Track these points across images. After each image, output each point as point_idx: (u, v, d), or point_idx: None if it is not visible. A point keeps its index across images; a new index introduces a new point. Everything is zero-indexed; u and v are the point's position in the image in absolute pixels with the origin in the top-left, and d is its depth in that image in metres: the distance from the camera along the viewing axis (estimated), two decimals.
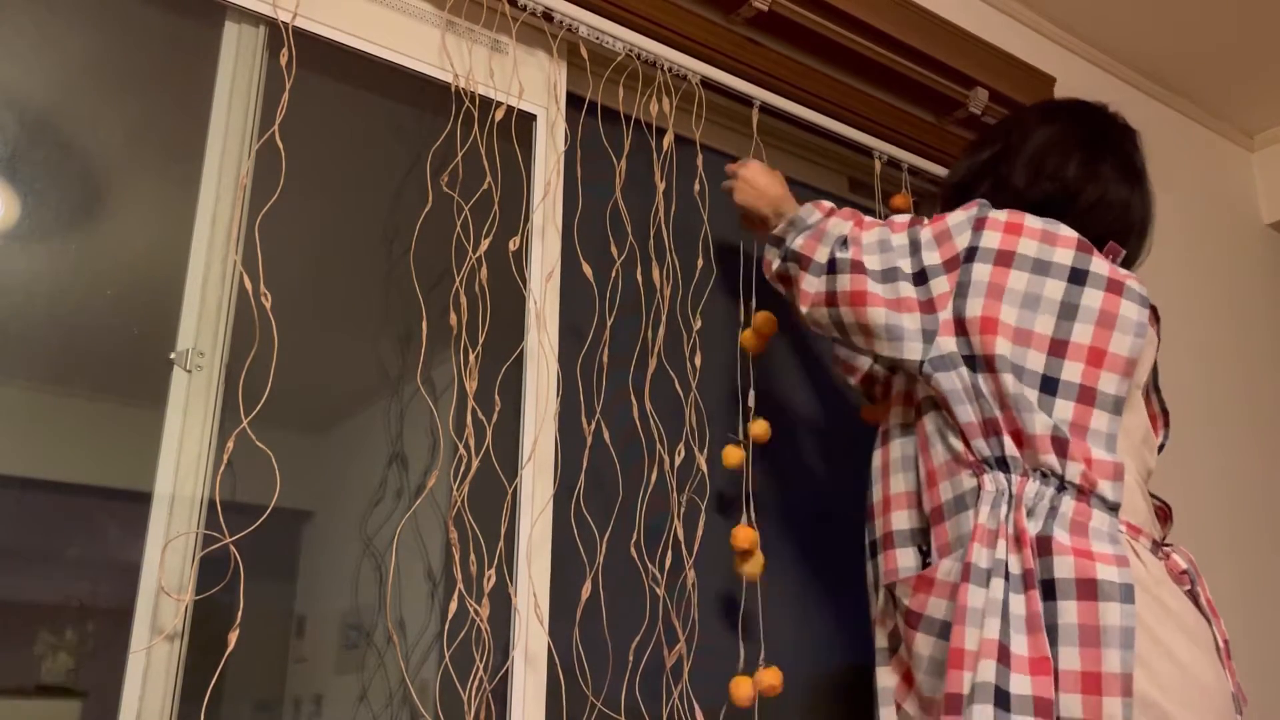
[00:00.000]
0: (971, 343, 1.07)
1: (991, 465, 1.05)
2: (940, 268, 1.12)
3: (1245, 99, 2.58)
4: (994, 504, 1.02)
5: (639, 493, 1.38)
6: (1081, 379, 1.04)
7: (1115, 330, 1.06)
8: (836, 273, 1.17)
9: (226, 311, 1.14)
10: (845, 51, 1.73)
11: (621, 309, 1.44)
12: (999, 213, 1.14)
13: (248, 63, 1.23)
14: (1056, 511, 1.00)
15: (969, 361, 1.07)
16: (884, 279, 1.14)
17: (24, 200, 1.07)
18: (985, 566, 0.99)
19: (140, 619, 1.01)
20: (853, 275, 1.15)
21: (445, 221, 1.31)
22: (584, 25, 1.42)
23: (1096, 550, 0.96)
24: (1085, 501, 1.01)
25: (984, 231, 1.12)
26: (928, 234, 1.15)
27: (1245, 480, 2.33)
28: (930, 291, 1.11)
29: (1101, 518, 1.00)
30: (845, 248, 1.18)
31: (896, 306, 1.12)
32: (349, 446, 1.21)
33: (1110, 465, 1.02)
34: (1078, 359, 1.05)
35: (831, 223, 1.22)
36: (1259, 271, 2.63)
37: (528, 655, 1.21)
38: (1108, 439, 1.04)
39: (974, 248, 1.11)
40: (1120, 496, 1.02)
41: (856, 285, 1.14)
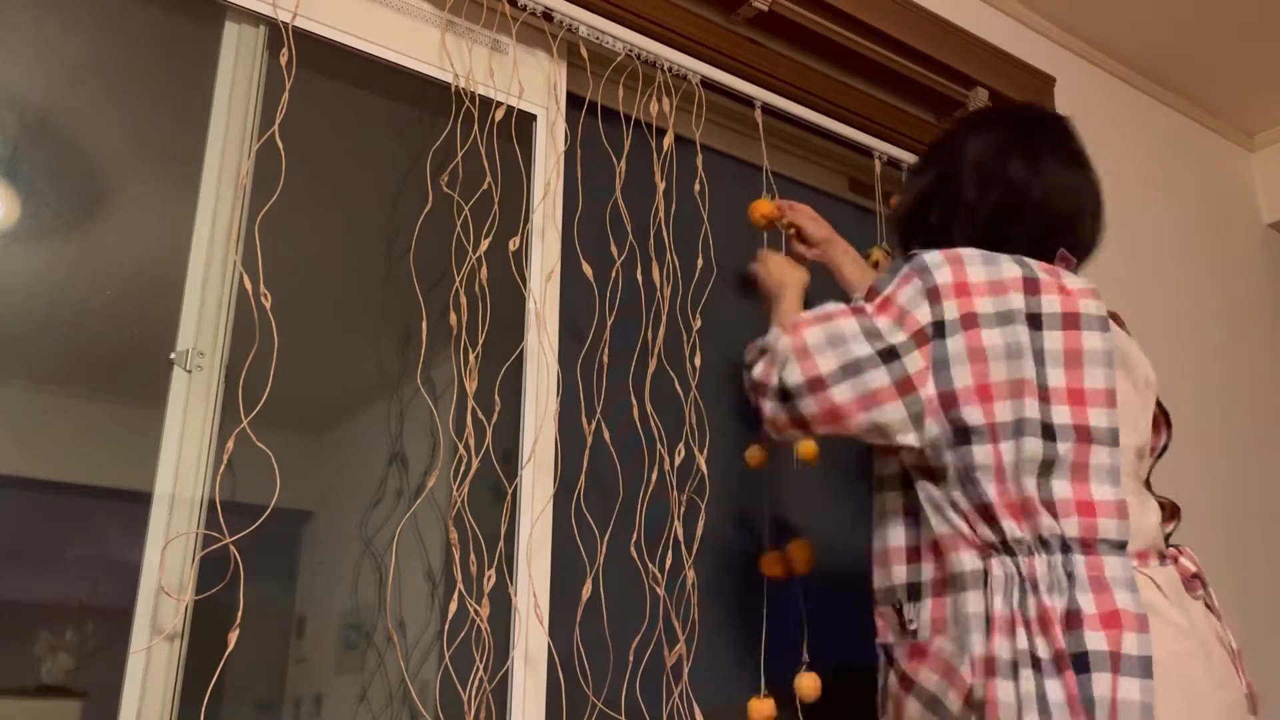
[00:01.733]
0: (964, 414, 1.05)
1: (997, 550, 1.03)
2: (911, 343, 1.07)
3: (1245, 99, 2.58)
4: (1006, 591, 1.01)
5: (639, 493, 1.38)
6: (1072, 419, 1.04)
7: (1084, 367, 1.05)
8: (795, 398, 1.08)
9: (226, 311, 1.14)
10: (845, 51, 1.73)
11: (621, 309, 1.43)
12: (940, 268, 1.10)
13: (248, 63, 1.23)
14: (1074, 577, 0.99)
15: (961, 436, 1.05)
16: (845, 376, 1.07)
17: (24, 200, 1.07)
18: (1008, 658, 0.98)
19: (140, 619, 1.01)
20: (812, 396, 1.08)
21: (445, 221, 1.31)
22: (584, 25, 1.42)
23: (1121, 610, 0.96)
24: (1094, 552, 1.00)
25: (942, 303, 1.08)
26: (884, 320, 1.09)
27: (1245, 480, 2.33)
28: (905, 369, 1.06)
29: (1114, 563, 0.99)
30: (796, 363, 1.09)
31: (869, 403, 1.07)
32: (349, 446, 1.21)
33: (1113, 505, 1.02)
34: (1061, 401, 1.04)
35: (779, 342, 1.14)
36: (1259, 271, 2.63)
37: (528, 655, 1.21)
38: (1110, 472, 1.03)
39: (939, 322, 1.07)
40: (1126, 534, 1.01)
41: (823, 405, 1.07)
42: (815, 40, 1.70)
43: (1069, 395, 1.04)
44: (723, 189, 1.65)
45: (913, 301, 1.09)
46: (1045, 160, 1.20)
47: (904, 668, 1.08)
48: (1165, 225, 2.39)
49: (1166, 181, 2.45)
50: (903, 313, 1.09)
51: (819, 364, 1.08)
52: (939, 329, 1.07)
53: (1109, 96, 2.39)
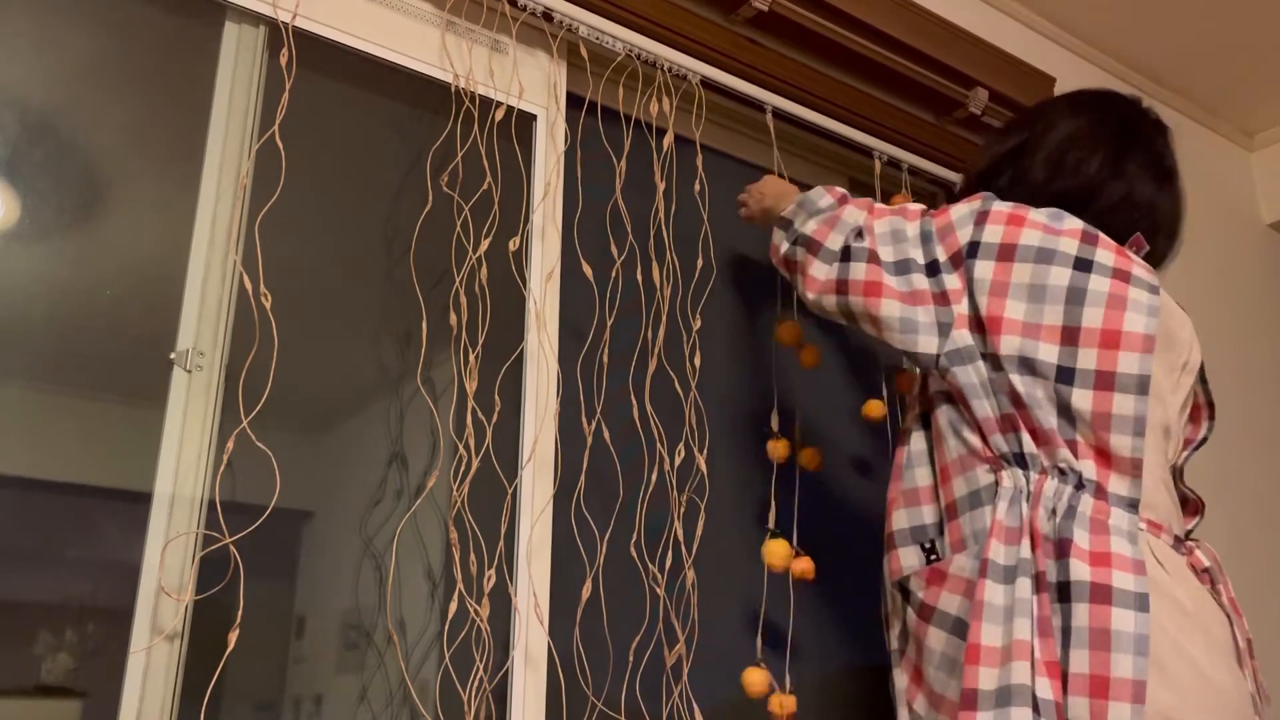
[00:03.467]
0: (986, 340, 1.06)
1: (1009, 461, 1.03)
2: (949, 263, 1.10)
3: (1245, 99, 2.58)
4: (1012, 500, 1.00)
5: (639, 493, 1.38)
6: (1098, 364, 1.01)
7: (1127, 310, 1.03)
8: (851, 260, 1.14)
9: (226, 311, 1.14)
10: (845, 51, 1.73)
11: (621, 309, 1.43)
12: (1003, 205, 1.12)
13: (248, 63, 1.23)
14: (1075, 510, 0.97)
15: (985, 356, 1.06)
16: (897, 270, 1.12)
17: (24, 200, 1.07)
18: (1006, 564, 0.97)
19: (140, 619, 1.01)
20: (868, 265, 1.13)
21: (445, 221, 1.31)
22: (584, 25, 1.42)
23: (1115, 552, 0.94)
24: (1104, 499, 0.99)
25: (985, 226, 1.10)
26: (935, 225, 1.14)
27: (1245, 480, 2.33)
28: (943, 284, 1.10)
29: (1120, 515, 0.98)
30: (860, 237, 1.15)
31: (911, 299, 1.10)
32: (349, 446, 1.21)
33: (1128, 461, 1.00)
34: (1091, 344, 1.02)
35: (846, 210, 1.20)
36: (1259, 271, 2.63)
37: (528, 655, 1.21)
38: (1135, 422, 1.00)
39: (975, 243, 1.09)
40: (1138, 493, 0.99)
41: (871, 275, 1.12)
42: (815, 40, 1.70)
43: (1102, 337, 1.02)
44: (723, 189, 1.65)
45: (961, 220, 1.12)
46: (1129, 166, 1.19)
47: (922, 597, 1.07)
48: None
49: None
50: (949, 228, 1.12)
51: (880, 249, 1.13)
52: (973, 249, 1.09)
53: None
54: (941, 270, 1.10)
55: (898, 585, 1.13)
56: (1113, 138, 1.20)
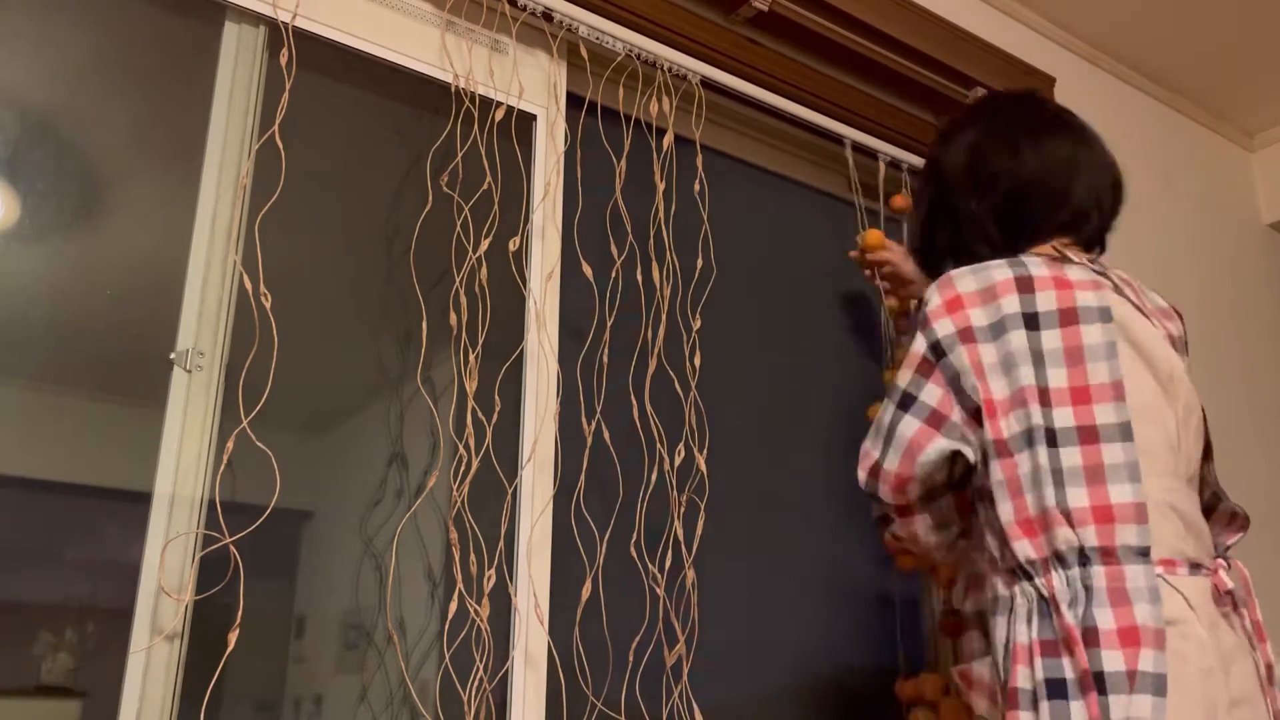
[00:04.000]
0: (983, 430, 1.04)
1: (1017, 574, 1.01)
2: (920, 378, 1.08)
3: (1245, 99, 2.58)
4: (1027, 617, 0.99)
5: (639, 493, 1.38)
6: (1076, 420, 1.00)
7: (1086, 363, 1.02)
8: (874, 497, 1.14)
9: (226, 311, 1.14)
10: (845, 51, 1.73)
11: (621, 309, 1.43)
12: (934, 297, 1.10)
13: (248, 63, 1.23)
14: (1091, 590, 0.96)
15: (983, 454, 1.05)
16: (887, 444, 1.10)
17: (24, 200, 1.07)
18: (1028, 688, 0.96)
19: (140, 619, 1.01)
20: (878, 482, 1.11)
21: (445, 221, 1.31)
22: (584, 25, 1.42)
23: (1140, 623, 0.93)
24: (1114, 560, 0.97)
25: (932, 325, 1.08)
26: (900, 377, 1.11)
27: (1246, 480, 2.33)
28: (928, 403, 1.07)
29: (1135, 572, 0.96)
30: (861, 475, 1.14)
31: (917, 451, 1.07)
32: (349, 446, 1.21)
33: (1131, 508, 0.98)
34: (1064, 403, 1.01)
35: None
36: (1259, 271, 2.63)
37: (528, 655, 1.21)
38: (1128, 470, 0.99)
39: (935, 342, 1.08)
40: (1147, 539, 0.97)
41: (886, 481, 1.10)
42: (815, 40, 1.70)
43: (1072, 395, 1.02)
44: (723, 189, 1.65)
45: (915, 343, 1.10)
46: (1021, 141, 1.18)
47: (964, 696, 1.08)
48: (1165, 225, 2.39)
49: (1166, 181, 2.45)
50: (911, 357, 1.11)
51: (871, 454, 1.12)
52: (936, 349, 1.07)
53: (1109, 96, 2.39)
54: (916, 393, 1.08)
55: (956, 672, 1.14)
56: (993, 131, 1.20)
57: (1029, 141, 1.18)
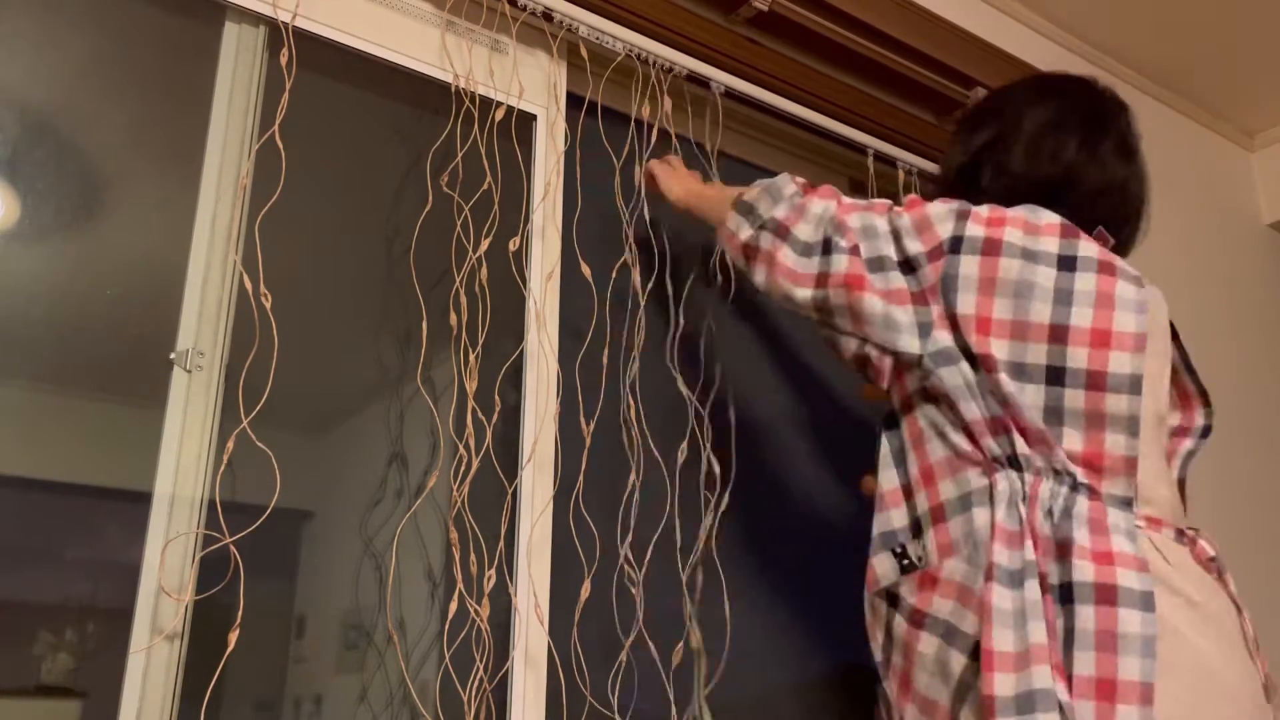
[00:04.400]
0: (967, 340, 1.04)
1: (1002, 464, 1.01)
2: (924, 257, 1.07)
3: (1245, 99, 2.58)
4: (1010, 503, 0.98)
5: (639, 492, 1.38)
6: (1089, 364, 1.00)
7: (1115, 309, 1.02)
8: (832, 253, 1.10)
9: (226, 311, 1.14)
10: (845, 51, 1.73)
11: (621, 309, 1.44)
12: (980, 207, 1.10)
13: (248, 63, 1.23)
14: (1072, 511, 0.96)
15: (967, 356, 1.04)
16: (873, 268, 1.09)
17: (24, 200, 1.07)
18: (1012, 567, 0.95)
19: (140, 619, 1.01)
20: (849, 258, 1.09)
21: (445, 221, 1.31)
22: (584, 25, 1.42)
23: (1117, 550, 0.93)
24: (1099, 499, 0.98)
25: (967, 222, 1.07)
26: (907, 221, 1.10)
27: (1245, 480, 2.33)
28: (920, 282, 1.07)
29: (1117, 515, 0.97)
30: (839, 231, 1.12)
31: (889, 298, 1.08)
32: (349, 446, 1.21)
33: (1122, 459, 0.99)
34: (1081, 343, 1.00)
35: (813, 201, 1.17)
36: (1259, 271, 2.63)
37: (528, 655, 1.21)
38: (1128, 422, 0.99)
39: (958, 237, 1.07)
40: (1133, 490, 0.98)
41: (853, 269, 1.09)
42: (815, 40, 1.70)
43: (1093, 336, 1.01)
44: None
45: (939, 216, 1.09)
46: (1102, 147, 1.18)
47: (912, 603, 1.05)
48: (1165, 225, 2.39)
49: (1166, 181, 2.45)
50: (926, 222, 1.09)
51: (860, 244, 1.10)
52: (955, 244, 1.06)
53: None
54: (918, 268, 1.08)
55: (879, 594, 1.11)
56: (1083, 122, 1.20)
57: (1104, 149, 1.19)
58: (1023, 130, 1.20)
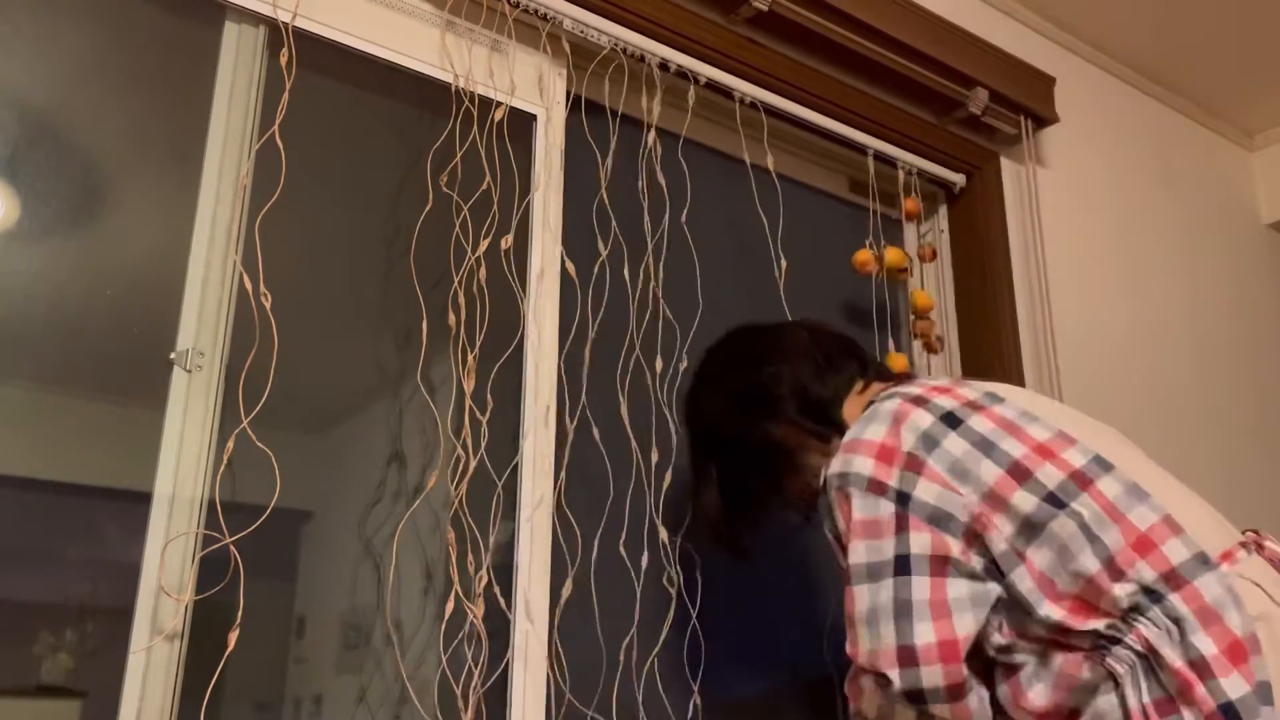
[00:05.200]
0: (990, 547, 0.96)
1: (1105, 647, 0.92)
2: (905, 536, 0.97)
3: (1245, 99, 2.58)
4: (1134, 684, 0.90)
5: (639, 492, 1.38)
6: (1063, 472, 0.95)
7: (1023, 429, 0.98)
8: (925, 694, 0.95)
9: (226, 311, 1.14)
10: (845, 51, 1.73)
11: (621, 308, 1.44)
12: (849, 464, 1.02)
13: (248, 63, 1.23)
14: (1181, 620, 0.89)
15: (999, 573, 0.96)
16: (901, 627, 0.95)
17: (24, 200, 1.07)
18: None
19: (140, 619, 1.01)
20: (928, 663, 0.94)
21: (445, 221, 1.31)
22: (584, 25, 1.42)
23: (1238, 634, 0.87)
24: (1184, 582, 0.90)
25: (883, 481, 1.00)
26: (862, 544, 0.99)
27: (1246, 480, 2.33)
28: (924, 554, 0.97)
29: (1206, 581, 0.90)
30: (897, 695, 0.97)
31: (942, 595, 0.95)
32: (349, 446, 1.21)
33: (1160, 524, 0.93)
34: (1039, 465, 0.96)
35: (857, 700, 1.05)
36: (1259, 271, 2.63)
37: (525, 654, 1.22)
38: (1132, 492, 0.94)
39: (899, 493, 0.99)
40: (1192, 546, 0.91)
41: (941, 653, 0.93)
42: (815, 40, 1.70)
43: (1039, 452, 0.96)
44: (722, 188, 1.65)
45: (865, 508, 0.99)
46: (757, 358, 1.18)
47: None
48: (1165, 225, 2.40)
49: (1166, 181, 2.45)
50: (871, 525, 0.99)
51: (885, 645, 0.95)
52: (902, 498, 0.98)
53: (1109, 96, 2.39)
54: (912, 548, 0.97)
55: None
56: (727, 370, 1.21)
57: (768, 349, 1.18)
58: (728, 418, 1.19)
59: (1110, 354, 2.10)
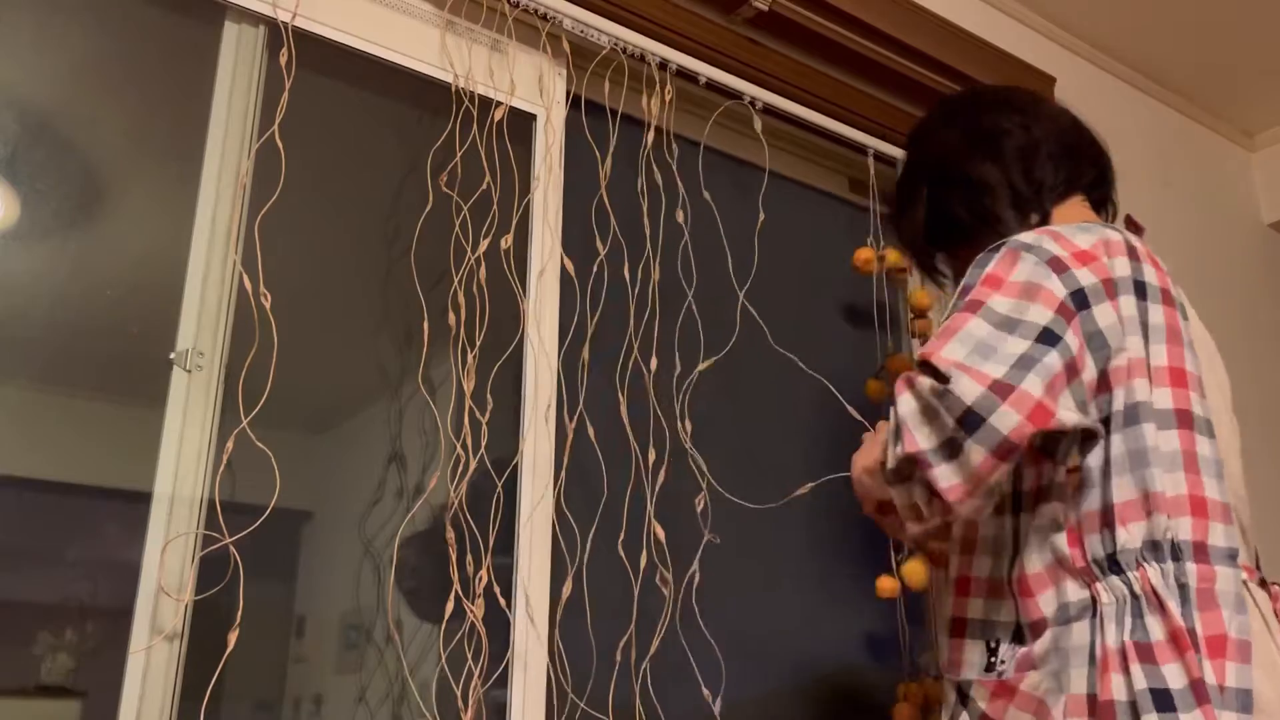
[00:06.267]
0: (1113, 397, 0.93)
1: (1103, 569, 0.91)
2: (1060, 319, 0.91)
3: (1245, 99, 2.58)
4: (1117, 617, 0.89)
5: (641, 492, 1.38)
6: (1174, 403, 0.93)
7: (1183, 347, 0.96)
8: (980, 423, 0.85)
9: (226, 311, 1.14)
10: (845, 51, 1.73)
11: (620, 308, 1.43)
12: (1046, 243, 0.96)
13: (248, 63, 1.23)
14: (1186, 589, 0.88)
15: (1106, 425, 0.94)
16: (1025, 368, 0.86)
17: (24, 200, 1.07)
18: (1125, 699, 0.86)
19: (140, 619, 1.01)
20: (1007, 401, 0.85)
21: (445, 221, 1.31)
22: (584, 25, 1.42)
23: (1227, 633, 0.86)
24: (1206, 560, 0.89)
25: (1071, 271, 0.95)
26: (1010, 301, 0.92)
27: (1246, 480, 2.33)
28: (1070, 349, 0.90)
29: (1225, 575, 0.89)
30: (952, 394, 0.86)
31: (1058, 392, 0.88)
32: (349, 446, 1.21)
33: (1220, 506, 0.92)
34: (1164, 383, 0.94)
35: (899, 413, 0.91)
36: (1259, 271, 2.63)
37: (525, 654, 1.22)
38: (1215, 465, 0.93)
39: (1078, 290, 0.94)
40: (1236, 541, 0.91)
41: (1023, 403, 0.85)
42: (815, 40, 1.70)
43: (1170, 375, 0.94)
44: (721, 188, 1.65)
45: (1036, 274, 0.93)
46: (1019, 106, 1.14)
47: (984, 708, 0.97)
48: (1165, 225, 2.40)
49: (1166, 181, 2.45)
50: (1032, 289, 0.92)
51: (988, 370, 0.86)
52: (1080, 298, 0.93)
53: (1109, 96, 2.39)
54: (1059, 332, 0.91)
55: (955, 684, 1.02)
56: (985, 105, 1.16)
57: (1026, 106, 1.14)
58: (951, 148, 1.15)
59: None
